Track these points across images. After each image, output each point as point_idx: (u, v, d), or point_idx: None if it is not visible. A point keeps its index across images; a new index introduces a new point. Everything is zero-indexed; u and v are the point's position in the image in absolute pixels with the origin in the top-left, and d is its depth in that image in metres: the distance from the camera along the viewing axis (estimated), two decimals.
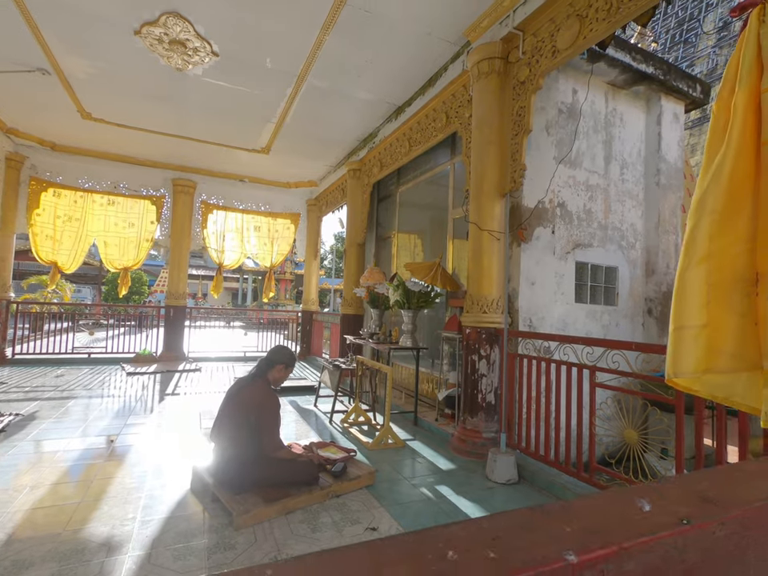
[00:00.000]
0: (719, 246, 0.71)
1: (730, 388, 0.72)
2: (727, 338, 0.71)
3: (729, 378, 0.72)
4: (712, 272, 0.72)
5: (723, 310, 0.72)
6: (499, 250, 3.74)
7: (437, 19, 3.93)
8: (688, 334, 0.74)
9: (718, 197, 0.71)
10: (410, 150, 5.50)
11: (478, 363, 3.73)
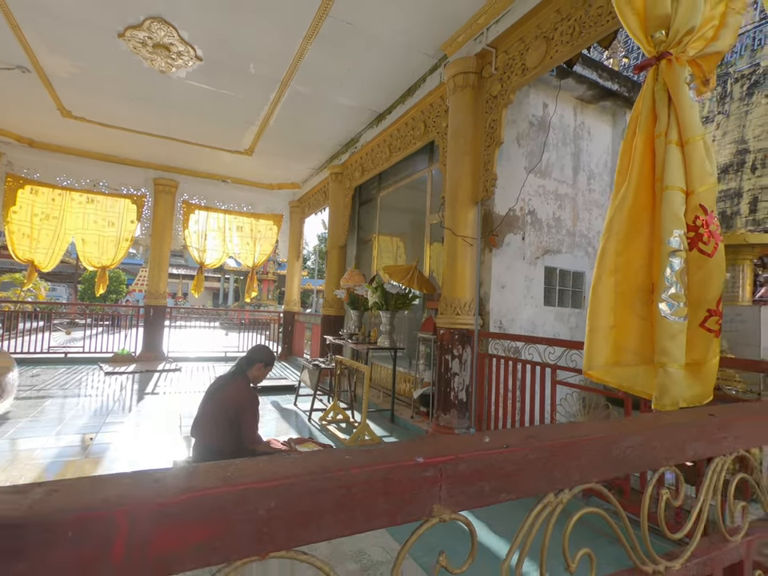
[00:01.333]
0: (624, 261, 0.88)
1: (633, 379, 0.89)
2: (630, 337, 0.88)
3: (632, 370, 0.88)
4: (618, 283, 0.89)
5: (627, 314, 0.88)
6: (472, 255, 3.94)
7: (416, 33, 4.10)
8: (600, 334, 0.91)
9: (622, 222, 0.88)
10: (391, 156, 5.66)
11: (450, 362, 3.91)
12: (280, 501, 0.35)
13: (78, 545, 0.29)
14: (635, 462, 0.55)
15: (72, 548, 0.29)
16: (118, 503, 0.31)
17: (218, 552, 0.34)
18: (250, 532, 0.34)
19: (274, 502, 0.35)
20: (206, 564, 0.34)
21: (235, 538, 0.35)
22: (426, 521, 0.40)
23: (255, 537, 0.35)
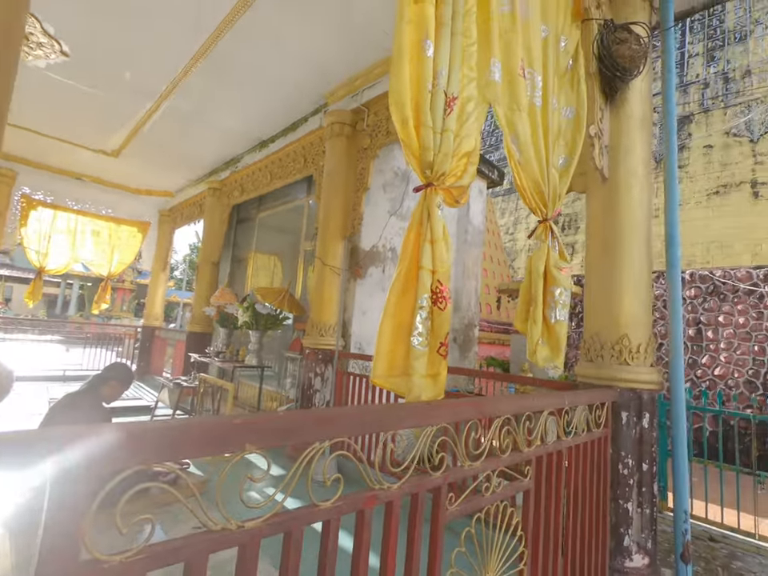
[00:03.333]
0: (398, 309, 1.37)
1: (399, 385, 1.37)
2: (398, 358, 1.37)
3: (399, 379, 1.37)
4: (395, 322, 1.38)
5: (398, 344, 1.38)
6: (338, 283, 4.42)
7: (301, 79, 4.54)
8: (382, 355, 1.38)
9: (399, 285, 1.38)
10: (271, 181, 5.93)
11: (313, 380, 4.27)
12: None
13: None
14: (374, 427, 1.00)
15: None
16: None
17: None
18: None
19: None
20: None
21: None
22: (243, 451, 0.77)
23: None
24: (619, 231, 2.44)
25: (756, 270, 6.95)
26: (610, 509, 2.21)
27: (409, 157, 1.38)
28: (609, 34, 2.38)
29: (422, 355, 1.27)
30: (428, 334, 1.29)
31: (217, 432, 0.74)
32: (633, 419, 2.26)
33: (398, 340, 1.30)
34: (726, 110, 8.51)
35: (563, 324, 1.88)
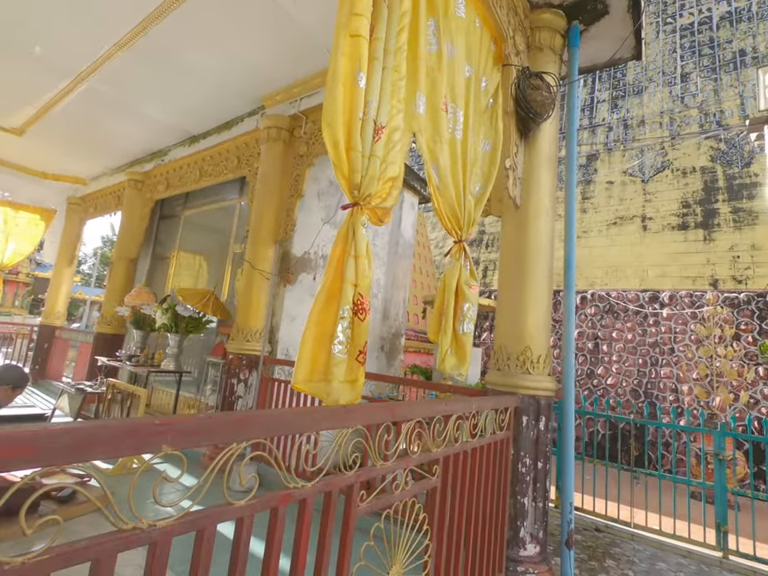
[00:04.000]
0: (321, 319, 1.46)
1: (319, 390, 1.45)
2: (319, 364, 1.45)
3: (319, 384, 1.45)
4: (317, 330, 1.46)
5: (319, 350, 1.46)
6: (268, 288, 4.37)
7: (237, 79, 4.46)
8: (303, 362, 1.45)
9: (323, 297, 1.47)
10: (201, 179, 5.70)
11: (236, 386, 4.16)
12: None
13: None
14: (291, 429, 1.07)
15: None
16: None
17: None
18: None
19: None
20: None
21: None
22: (159, 451, 0.80)
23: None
24: (527, 254, 2.74)
25: (642, 293, 8.01)
26: (509, 503, 2.45)
27: (339, 177, 1.47)
28: (525, 79, 2.69)
29: (342, 362, 1.36)
30: (348, 342, 1.39)
31: (134, 432, 0.77)
32: (532, 422, 2.53)
33: (319, 347, 1.38)
34: (624, 152, 9.75)
35: (469, 336, 2.08)
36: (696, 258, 7.91)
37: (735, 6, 9.81)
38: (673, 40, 10.37)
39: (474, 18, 2.36)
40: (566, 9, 2.92)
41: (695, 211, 8.31)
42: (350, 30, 1.46)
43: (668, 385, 7.19)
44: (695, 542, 4.04)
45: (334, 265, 1.43)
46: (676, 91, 9.69)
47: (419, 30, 1.85)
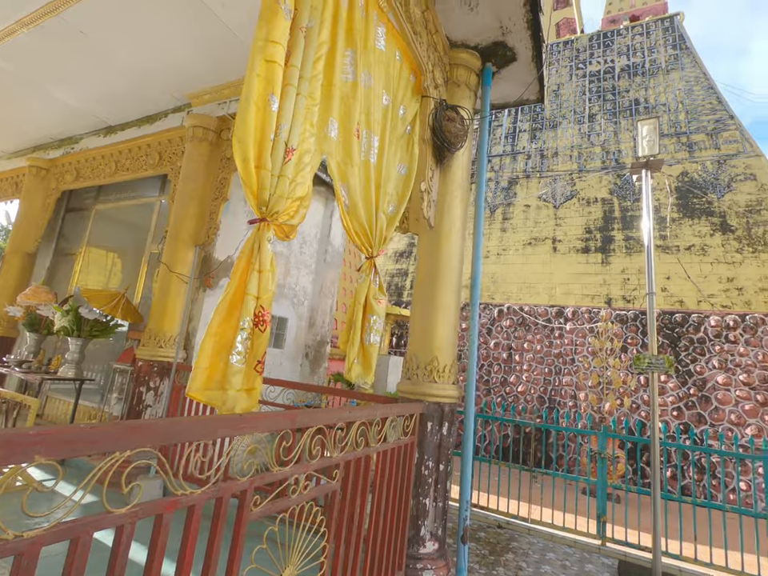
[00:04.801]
0: (221, 330, 1.50)
1: (215, 398, 1.49)
2: (217, 373, 1.49)
3: (216, 392, 1.49)
4: (216, 340, 1.50)
5: (218, 360, 1.50)
6: (185, 292, 4.20)
7: (162, 70, 4.28)
8: (200, 370, 1.48)
9: (224, 307, 1.51)
10: (116, 172, 5.34)
11: (145, 395, 3.94)
12: None
13: None
14: (186, 437, 1.11)
15: None
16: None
17: None
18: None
19: None
20: None
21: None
22: (32, 462, 0.81)
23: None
24: (439, 271, 2.96)
25: (550, 308, 8.83)
26: (412, 504, 2.62)
27: (247, 193, 1.53)
28: (441, 111, 2.93)
29: (240, 372, 1.41)
30: (246, 352, 1.44)
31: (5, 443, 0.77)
32: (436, 427, 2.73)
33: (218, 357, 1.42)
34: (540, 179, 10.72)
35: (375, 347, 2.23)
36: (595, 278, 8.89)
37: (633, 61, 11.28)
38: (583, 83, 11.65)
39: (395, 51, 2.55)
40: (481, 51, 3.23)
41: (596, 237, 9.36)
42: (265, 55, 1.54)
43: (568, 392, 7.97)
44: (580, 532, 4.54)
45: (238, 277, 1.49)
46: (584, 129, 10.88)
47: (336, 60, 1.97)
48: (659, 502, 3.83)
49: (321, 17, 1.83)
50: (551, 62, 12.59)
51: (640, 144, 4.11)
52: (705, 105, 9.83)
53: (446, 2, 2.83)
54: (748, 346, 7.25)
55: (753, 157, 8.79)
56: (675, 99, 10.20)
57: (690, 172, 9.22)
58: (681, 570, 4.04)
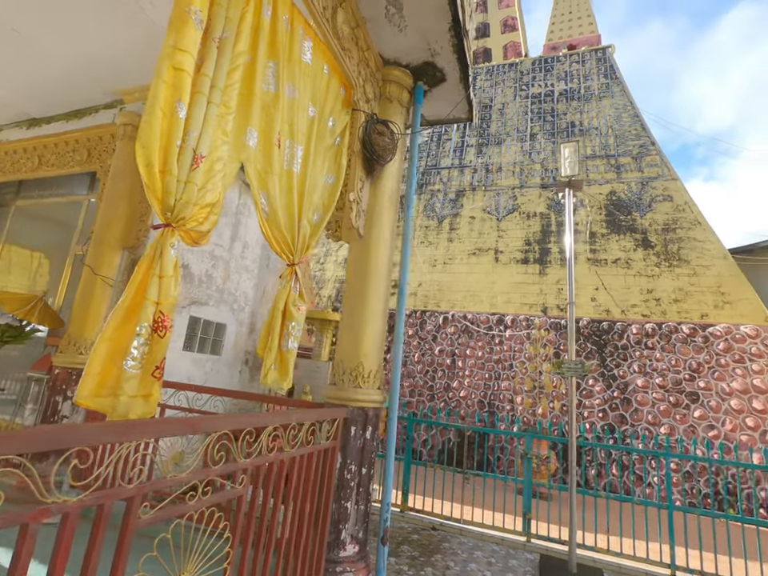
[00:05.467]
0: (115, 336, 1.48)
1: (106, 405, 1.46)
2: (109, 379, 1.47)
3: (107, 399, 1.46)
4: (111, 345, 1.48)
5: (111, 366, 1.47)
6: (110, 297, 4.01)
7: (91, 64, 4.10)
8: (91, 375, 1.45)
9: (120, 313, 1.49)
10: (40, 167, 5.02)
11: (61, 404, 3.71)
12: None
13: None
14: (61, 443, 1.10)
15: None
16: None
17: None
18: None
19: None
20: None
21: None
22: None
23: None
24: (368, 278, 3.05)
25: (492, 316, 9.21)
26: (333, 508, 2.65)
27: (150, 198, 1.53)
28: (372, 125, 3.03)
29: (134, 377, 1.40)
30: (143, 358, 1.43)
31: None
32: (359, 432, 2.79)
33: (111, 362, 1.41)
34: (485, 192, 11.21)
35: (293, 353, 2.26)
36: (533, 288, 9.40)
37: (570, 86, 12.12)
38: (526, 104, 12.36)
39: (323, 65, 2.62)
40: (413, 70, 3.39)
41: (534, 249, 9.90)
42: (173, 62, 1.55)
43: (506, 396, 8.34)
44: (508, 530, 4.76)
45: (137, 282, 1.48)
46: (526, 147, 11.52)
47: (256, 70, 2.01)
48: (575, 497, 4.10)
49: (237, 28, 1.86)
50: (498, 82, 13.26)
51: (563, 165, 4.44)
52: (631, 131, 10.74)
53: (377, 22, 2.95)
54: (663, 352, 7.94)
55: (670, 180, 9.70)
56: (606, 124, 11.07)
57: (617, 191, 10.01)
58: (595, 560, 4.35)
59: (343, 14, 2.67)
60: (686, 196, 9.42)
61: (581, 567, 4.10)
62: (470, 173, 11.67)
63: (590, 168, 10.48)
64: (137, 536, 1.46)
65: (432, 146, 12.61)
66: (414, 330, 9.60)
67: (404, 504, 5.17)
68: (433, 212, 11.30)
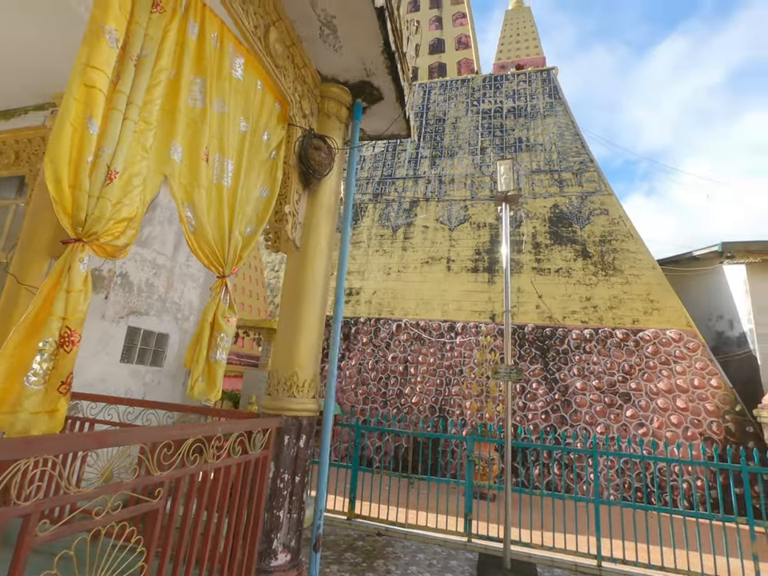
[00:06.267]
0: (18, 351, 1.46)
1: (4, 423, 1.44)
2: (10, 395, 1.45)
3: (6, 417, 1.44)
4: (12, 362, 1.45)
5: (13, 382, 1.45)
6: None
7: (21, 63, 3.93)
8: None
9: (24, 327, 1.48)
10: None
11: None
12: None
13: None
14: None
15: None
16: None
17: None
18: None
19: None
20: None
21: None
22: None
23: None
24: (304, 289, 3.11)
25: (443, 323, 9.47)
26: (266, 518, 2.67)
27: (59, 212, 1.54)
28: (308, 140, 3.12)
29: (35, 393, 1.39)
30: (46, 374, 1.43)
31: None
32: (293, 441, 2.83)
33: (13, 379, 1.39)
34: (438, 202, 11.55)
35: (221, 364, 2.29)
36: (482, 296, 9.76)
37: (517, 104, 12.77)
38: (477, 119, 12.88)
39: (256, 81, 2.68)
40: (351, 87, 3.51)
41: (484, 258, 10.30)
42: (84, 79, 1.57)
43: (456, 401, 8.59)
44: (450, 531, 4.90)
45: (43, 297, 1.47)
46: (477, 160, 12.00)
47: (181, 87, 2.05)
48: (510, 496, 4.31)
49: (159, 46, 1.90)
50: (451, 97, 13.75)
51: (499, 180, 4.71)
52: (572, 148, 11.46)
53: (313, 41, 3.05)
54: (600, 356, 8.47)
55: (606, 195, 10.42)
56: (550, 141, 11.74)
57: (560, 205, 10.62)
58: (530, 555, 4.58)
59: (276, 32, 2.74)
60: (621, 210, 10.15)
61: (515, 563, 4.31)
62: (424, 183, 11.99)
63: (535, 182, 11.07)
64: (38, 553, 1.45)
65: (387, 156, 12.85)
66: (369, 338, 9.70)
67: (351, 511, 5.21)
68: (388, 221, 11.50)
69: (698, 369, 7.91)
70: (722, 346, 9.26)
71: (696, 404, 7.61)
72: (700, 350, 8.08)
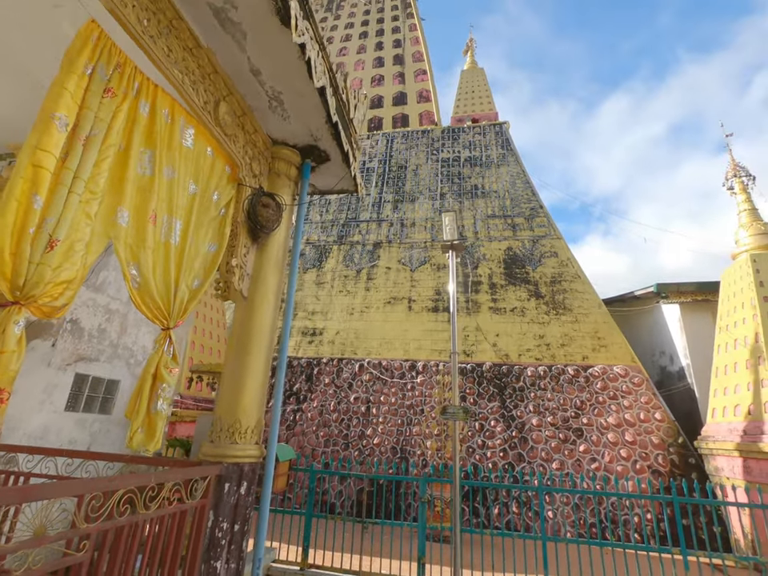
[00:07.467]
0: None
1: None
2: None
3: None
4: None
5: None
6: None
7: None
8: None
9: None
10: None
11: None
12: None
13: None
14: None
15: None
16: None
17: None
18: None
19: None
20: None
21: None
22: None
23: None
24: (250, 338, 3.25)
25: (405, 362, 9.64)
26: (201, 569, 2.67)
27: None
28: (257, 198, 3.36)
29: None
30: None
31: None
32: (233, 488, 2.88)
33: None
34: (400, 245, 12.01)
35: (162, 415, 2.38)
36: (442, 335, 10.05)
37: (473, 154, 13.71)
38: (436, 167, 13.69)
39: (206, 147, 2.93)
40: (300, 149, 3.83)
41: (443, 298, 10.69)
42: (33, 160, 1.76)
43: (417, 441, 8.63)
44: None
45: None
46: (437, 205, 12.66)
47: (130, 157, 2.26)
48: (459, 537, 4.38)
49: (109, 125, 2.12)
50: (412, 146, 14.62)
51: (444, 231, 5.08)
52: (523, 195, 12.32)
53: (263, 111, 3.37)
54: (554, 392, 8.81)
55: (555, 239, 11.17)
56: (503, 188, 12.60)
57: (513, 248, 11.28)
58: None
59: (227, 105, 3.04)
60: (569, 253, 10.88)
61: None
62: (387, 226, 12.49)
63: (490, 226, 11.76)
64: None
65: (352, 200, 13.37)
66: (331, 378, 9.71)
67: (304, 561, 5.09)
68: (352, 262, 11.81)
69: (643, 403, 8.34)
70: (666, 380, 9.83)
71: (643, 437, 7.98)
72: (644, 385, 8.55)
